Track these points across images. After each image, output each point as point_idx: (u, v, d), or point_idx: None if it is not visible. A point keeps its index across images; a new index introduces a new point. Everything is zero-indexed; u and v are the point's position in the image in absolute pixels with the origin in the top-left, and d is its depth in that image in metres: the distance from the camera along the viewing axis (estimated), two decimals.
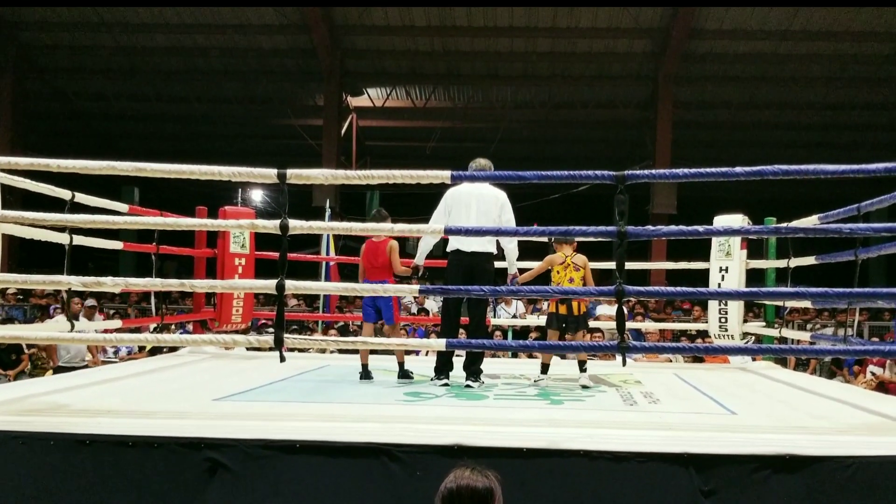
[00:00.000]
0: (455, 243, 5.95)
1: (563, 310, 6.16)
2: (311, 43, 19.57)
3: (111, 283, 4.57)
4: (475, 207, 5.91)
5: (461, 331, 6.87)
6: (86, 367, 8.94)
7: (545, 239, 6.31)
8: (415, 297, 12.97)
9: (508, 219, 6.00)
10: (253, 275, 8.11)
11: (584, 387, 5.95)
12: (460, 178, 4.80)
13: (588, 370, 6.22)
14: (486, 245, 5.94)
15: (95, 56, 20.72)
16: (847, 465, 3.54)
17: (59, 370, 8.66)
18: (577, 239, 6.04)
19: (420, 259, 6.28)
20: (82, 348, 9.13)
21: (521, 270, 6.43)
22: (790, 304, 8.07)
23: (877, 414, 4.71)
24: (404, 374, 6.09)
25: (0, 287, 4.49)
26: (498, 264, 6.21)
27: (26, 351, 10.18)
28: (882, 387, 9.24)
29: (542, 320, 6.69)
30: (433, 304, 13.34)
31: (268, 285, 4.47)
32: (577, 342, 6.18)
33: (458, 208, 5.95)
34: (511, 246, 6.22)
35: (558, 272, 6.19)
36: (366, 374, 6.11)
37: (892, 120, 21.47)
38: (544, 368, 6.16)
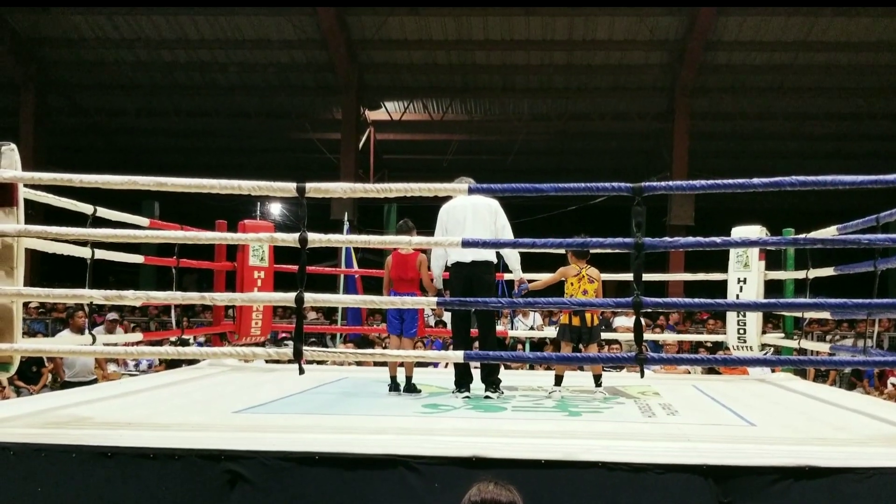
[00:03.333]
0: (454, 256, 5.97)
1: (576, 321, 6.15)
2: (328, 57, 19.71)
3: (133, 297, 4.60)
4: (470, 219, 5.91)
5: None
6: (94, 381, 8.99)
7: (562, 251, 6.30)
8: (433, 310, 12.97)
9: (503, 224, 5.98)
10: (272, 288, 8.15)
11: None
12: (478, 191, 4.82)
13: (603, 384, 6.20)
14: (484, 255, 5.94)
15: (115, 72, 20.96)
16: (868, 476, 3.51)
17: (66, 385, 8.70)
18: (594, 251, 6.04)
19: (439, 282, 6.28)
20: (88, 363, 9.16)
21: (533, 281, 6.43)
22: (809, 315, 8.03)
23: None
24: (410, 388, 6.08)
25: (23, 301, 4.55)
26: (509, 276, 6.21)
27: (46, 364, 10.25)
28: None
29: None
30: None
31: (287, 298, 4.49)
32: (595, 354, 6.17)
33: (453, 224, 5.96)
34: (513, 256, 6.21)
35: (572, 284, 6.19)
36: (394, 387, 6.12)
37: None
38: (558, 380, 6.15)
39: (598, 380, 6.21)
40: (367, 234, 15.87)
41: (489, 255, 5.99)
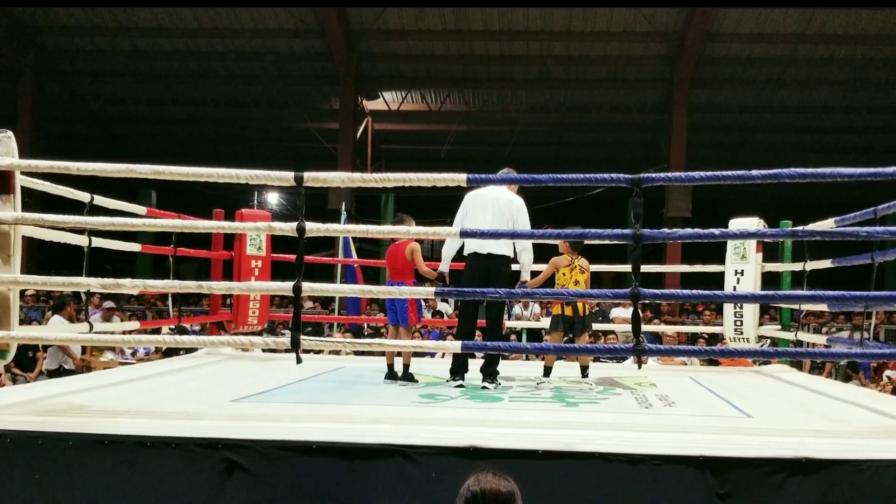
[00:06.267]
0: (471, 246, 5.98)
1: (568, 311, 6.18)
2: (327, 47, 19.66)
3: (130, 285, 4.60)
4: (490, 211, 5.93)
5: (477, 333, 6.87)
6: (72, 371, 8.98)
7: (556, 242, 6.31)
8: (426, 301, 12.94)
9: (522, 224, 5.99)
10: (269, 277, 8.16)
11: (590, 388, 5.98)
12: (476, 181, 4.82)
13: (602, 374, 6.21)
14: (501, 248, 5.95)
15: (113, 60, 20.88)
16: (863, 468, 3.53)
17: (52, 374, 8.73)
18: (593, 242, 6.04)
19: (445, 266, 6.27)
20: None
21: (533, 274, 6.42)
22: (806, 307, 8.05)
23: (893, 417, 4.69)
24: (408, 377, 6.09)
25: (20, 288, 4.56)
26: (514, 266, 6.23)
27: (41, 349, 10.22)
28: None
29: None
30: (447, 307, 13.35)
31: (284, 287, 4.50)
32: (592, 345, 6.19)
33: (475, 212, 5.98)
34: (525, 253, 6.18)
35: (564, 274, 6.22)
36: (391, 375, 6.13)
37: None
38: (547, 371, 6.17)
39: (584, 371, 6.23)
40: (364, 223, 15.88)
41: (506, 248, 6.00)
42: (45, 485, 3.71)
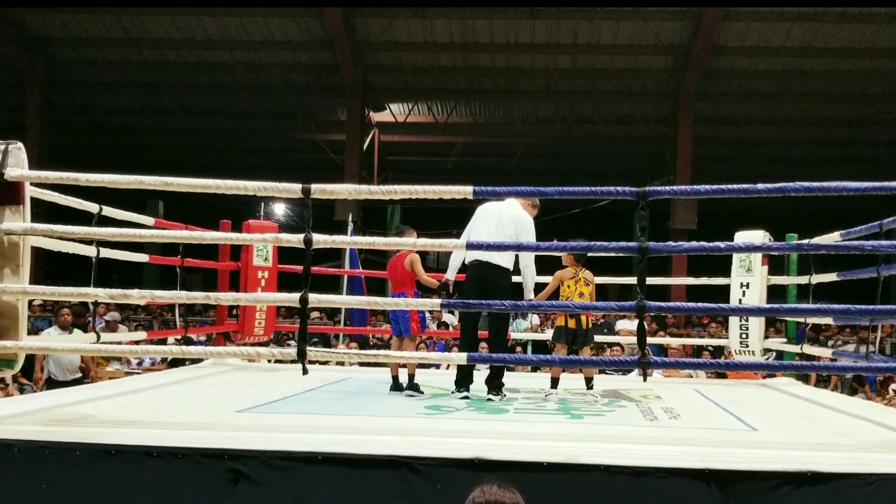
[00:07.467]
0: (470, 256, 6.03)
1: (571, 324, 6.17)
2: (334, 58, 19.74)
3: (138, 296, 4.62)
4: (493, 224, 5.95)
5: (482, 344, 6.87)
6: (79, 379, 8.98)
7: (558, 254, 6.31)
8: (431, 312, 12.91)
9: (527, 241, 5.99)
10: (276, 288, 8.17)
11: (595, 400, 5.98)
12: (482, 194, 4.83)
13: (607, 387, 6.21)
14: (496, 258, 5.96)
15: (121, 71, 21.01)
16: (869, 482, 3.51)
17: (51, 384, 8.76)
18: (598, 254, 6.04)
19: (451, 274, 6.29)
20: (74, 361, 9.15)
21: (537, 287, 6.42)
22: (812, 320, 8.03)
23: None
24: (413, 387, 6.09)
25: (28, 298, 4.58)
26: (515, 279, 6.23)
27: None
28: None
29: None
30: (452, 318, 13.34)
31: (291, 298, 4.50)
32: (598, 357, 6.18)
33: (479, 224, 6.03)
34: (528, 270, 6.19)
35: (569, 287, 6.20)
36: (395, 386, 6.14)
37: None
38: (554, 382, 6.16)
39: (589, 382, 6.23)
40: (370, 234, 15.91)
41: (500, 259, 5.99)
42: (52, 494, 3.71)
